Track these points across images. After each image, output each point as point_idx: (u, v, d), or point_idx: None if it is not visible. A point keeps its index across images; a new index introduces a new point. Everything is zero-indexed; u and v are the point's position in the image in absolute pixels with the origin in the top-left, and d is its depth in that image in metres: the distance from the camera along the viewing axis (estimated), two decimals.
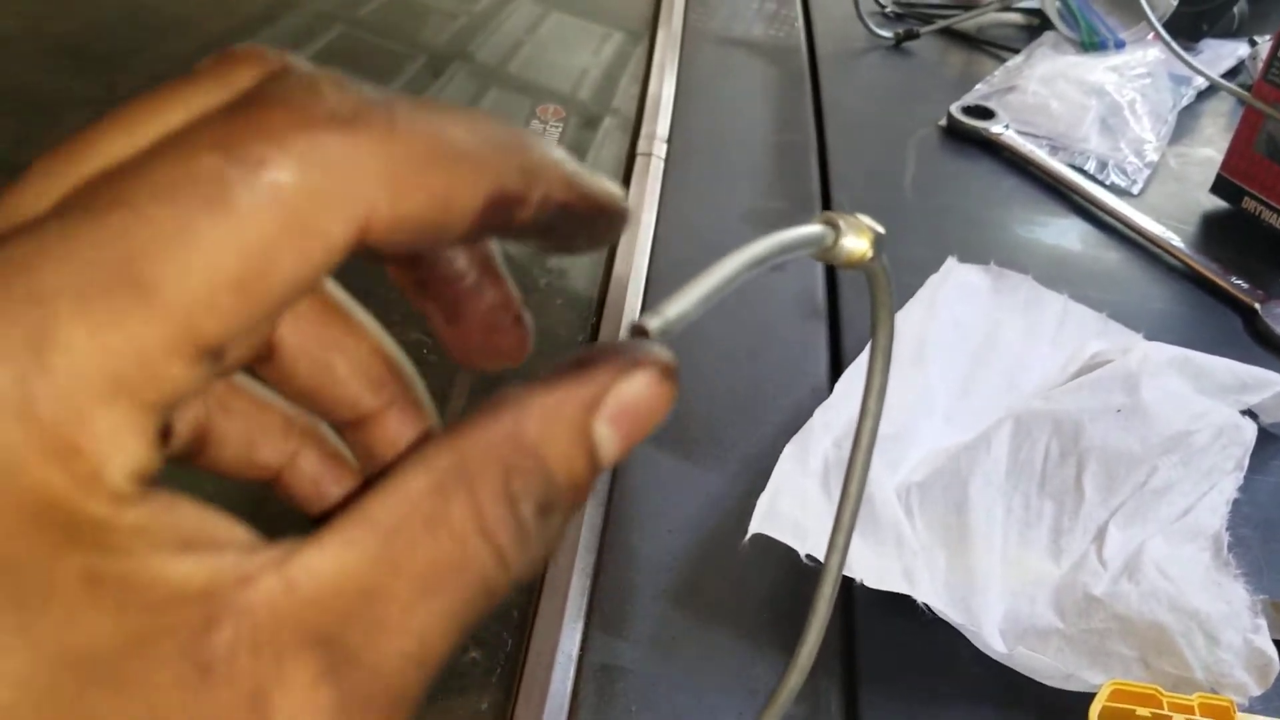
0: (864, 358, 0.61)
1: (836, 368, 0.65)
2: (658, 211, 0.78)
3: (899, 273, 0.29)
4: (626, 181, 0.82)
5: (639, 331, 0.21)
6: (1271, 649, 0.46)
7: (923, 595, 0.48)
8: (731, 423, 0.61)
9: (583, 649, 0.50)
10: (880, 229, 0.27)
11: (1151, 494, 0.53)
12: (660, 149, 0.84)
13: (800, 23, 1.09)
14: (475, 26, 1.13)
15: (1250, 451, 0.56)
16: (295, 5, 1.13)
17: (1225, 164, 0.80)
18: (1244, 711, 0.45)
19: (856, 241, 0.26)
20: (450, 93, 0.99)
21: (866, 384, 0.30)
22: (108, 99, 0.91)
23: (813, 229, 0.26)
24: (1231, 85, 0.87)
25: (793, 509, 0.51)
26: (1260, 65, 0.76)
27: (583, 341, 0.68)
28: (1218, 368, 0.59)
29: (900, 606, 0.48)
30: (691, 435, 0.61)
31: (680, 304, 0.22)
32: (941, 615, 0.47)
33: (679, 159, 0.84)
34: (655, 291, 0.70)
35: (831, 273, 0.73)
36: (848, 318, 0.69)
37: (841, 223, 0.26)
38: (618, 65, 1.06)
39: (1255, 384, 0.59)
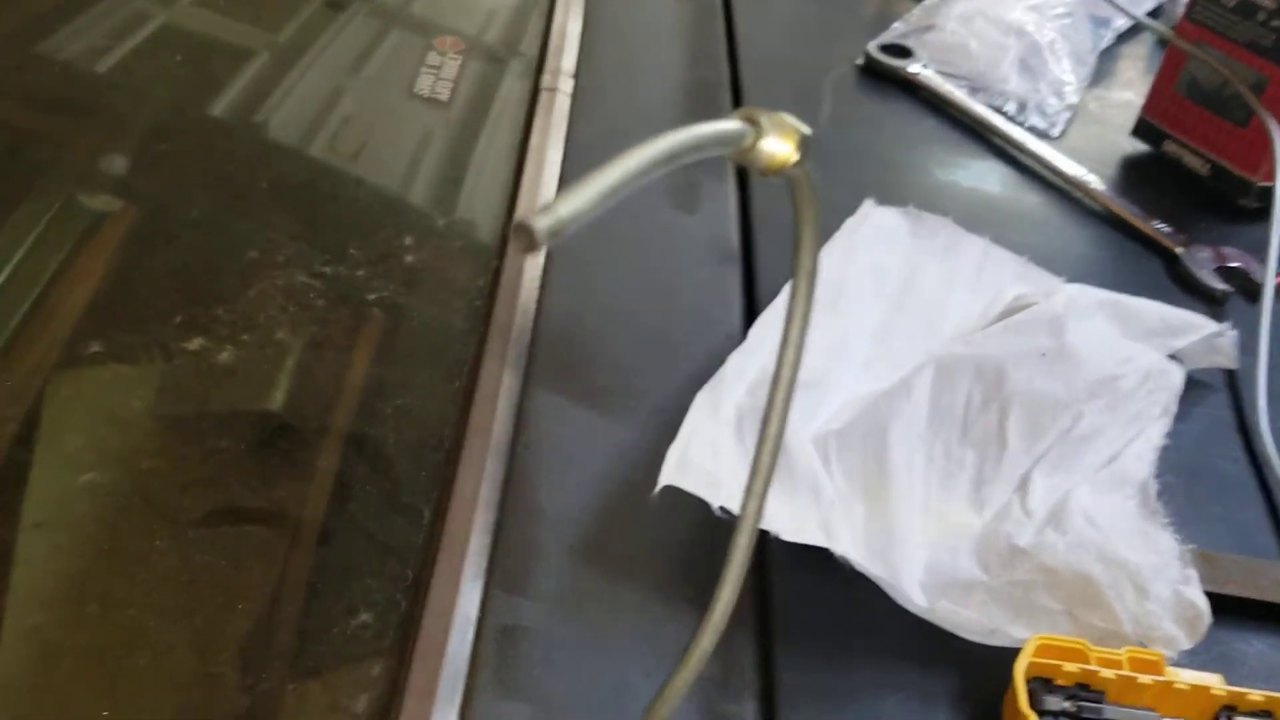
0: (779, 302, 0.58)
1: (751, 314, 0.62)
2: (564, 149, 0.74)
3: None
4: (529, 118, 0.77)
5: (523, 231, 0.18)
6: (1202, 600, 0.45)
7: (841, 548, 0.45)
8: (642, 370, 0.58)
9: (483, 610, 0.47)
10: (806, 129, 0.24)
11: (1077, 441, 0.51)
12: (566, 84, 0.80)
13: None
14: None
15: (1178, 397, 0.55)
16: None
17: (1147, 106, 0.78)
18: (1173, 666, 0.43)
19: (779, 144, 0.23)
20: (348, 31, 0.94)
21: (789, 308, 0.27)
22: None
23: (731, 125, 0.22)
24: (1155, 23, 0.85)
25: (705, 459, 0.48)
26: (1182, 7, 0.74)
27: (482, 287, 0.64)
28: (1144, 311, 0.57)
29: (816, 559, 0.45)
30: (600, 384, 0.57)
31: (574, 201, 0.18)
32: (860, 569, 0.45)
33: (586, 95, 0.80)
34: None
35: (746, 216, 0.70)
36: (763, 262, 0.66)
37: (764, 120, 0.23)
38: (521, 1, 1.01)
39: (1183, 328, 0.57)
